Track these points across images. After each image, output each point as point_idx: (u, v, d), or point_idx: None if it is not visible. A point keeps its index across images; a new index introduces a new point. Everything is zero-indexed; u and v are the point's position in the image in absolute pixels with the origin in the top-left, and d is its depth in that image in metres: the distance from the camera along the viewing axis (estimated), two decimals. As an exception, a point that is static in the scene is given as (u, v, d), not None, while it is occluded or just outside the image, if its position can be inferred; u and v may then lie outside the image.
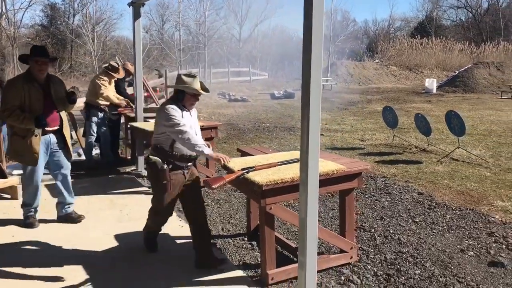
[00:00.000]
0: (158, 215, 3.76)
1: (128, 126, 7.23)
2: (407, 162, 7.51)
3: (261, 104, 17.73)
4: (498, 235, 4.37)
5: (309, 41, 2.73)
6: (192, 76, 3.61)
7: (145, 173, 6.56)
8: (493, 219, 4.81)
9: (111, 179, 6.39)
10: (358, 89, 25.63)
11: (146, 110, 7.28)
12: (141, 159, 6.72)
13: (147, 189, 5.89)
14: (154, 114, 7.35)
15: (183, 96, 3.56)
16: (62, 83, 4.66)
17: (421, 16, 53.11)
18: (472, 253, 3.99)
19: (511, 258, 3.87)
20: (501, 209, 5.13)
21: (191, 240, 3.72)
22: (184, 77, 3.56)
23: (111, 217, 4.84)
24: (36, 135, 4.23)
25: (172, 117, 3.41)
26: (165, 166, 3.46)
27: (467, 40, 38.70)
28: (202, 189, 4.18)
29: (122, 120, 7.71)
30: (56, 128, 4.44)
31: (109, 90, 6.93)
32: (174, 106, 3.49)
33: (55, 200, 4.72)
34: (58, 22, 38.64)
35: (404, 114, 13.58)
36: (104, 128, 7.08)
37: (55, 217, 4.69)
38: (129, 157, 7.60)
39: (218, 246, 4.12)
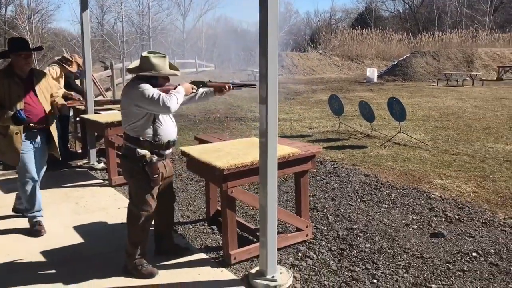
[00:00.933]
0: (143, 218, 3.31)
1: (78, 119, 7.13)
2: (353, 147, 7.90)
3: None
4: (438, 209, 4.77)
5: (265, 32, 2.90)
6: (162, 56, 3.28)
7: (98, 165, 6.52)
8: (433, 195, 5.22)
9: (63, 173, 6.30)
10: (303, 80, 26.17)
11: (95, 103, 7.19)
12: (93, 152, 6.67)
13: (101, 181, 5.88)
14: (102, 107, 7.35)
15: (156, 81, 3.26)
16: (46, 76, 4.33)
17: (361, 7, 54.83)
18: (416, 226, 4.34)
19: (450, 229, 4.26)
20: (440, 186, 5.57)
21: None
22: (153, 60, 3.21)
23: (68, 210, 4.82)
24: (17, 133, 3.93)
25: (145, 91, 3.11)
26: (154, 158, 3.25)
27: (404, 30, 40.38)
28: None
29: (71, 113, 7.57)
30: (42, 125, 4.14)
31: (58, 80, 6.77)
32: (145, 84, 3.16)
33: (8, 195, 4.64)
34: (-11, 13, 36.57)
35: (348, 103, 14.09)
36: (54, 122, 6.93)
37: (8, 213, 4.61)
38: (80, 151, 7.49)
39: (179, 232, 4.23)
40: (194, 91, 3.49)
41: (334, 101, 9.89)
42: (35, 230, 4.15)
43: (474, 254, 3.74)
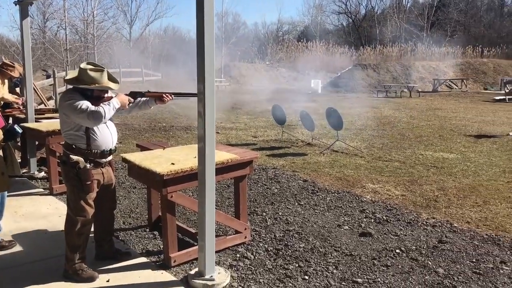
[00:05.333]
0: (79, 223, 3.37)
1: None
2: (294, 155, 8.23)
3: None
4: (368, 211, 5.12)
5: (202, 40, 3.09)
6: (100, 70, 3.33)
7: (38, 174, 6.44)
8: (365, 199, 5.59)
9: (1, 182, 6.16)
10: (250, 90, 26.57)
11: (35, 112, 7.10)
12: (33, 161, 6.58)
13: (42, 190, 5.82)
14: (43, 116, 7.27)
15: (92, 93, 3.34)
16: None
17: (306, 20, 56.40)
18: (347, 227, 4.66)
19: (378, 229, 4.60)
20: (372, 190, 5.96)
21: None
22: (91, 73, 3.28)
23: (5, 219, 4.74)
24: None
25: (72, 102, 3.19)
26: (88, 165, 3.33)
27: (348, 44, 41.91)
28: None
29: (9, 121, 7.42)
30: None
31: (3, 89, 6.65)
32: (75, 96, 3.25)
33: None
34: None
35: (292, 113, 14.51)
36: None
37: None
38: (19, 160, 7.34)
39: (120, 238, 4.31)
40: (132, 102, 3.60)
41: (276, 110, 10.22)
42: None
43: (397, 250, 4.08)
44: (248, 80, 31.11)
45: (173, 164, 3.61)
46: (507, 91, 22.40)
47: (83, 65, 3.37)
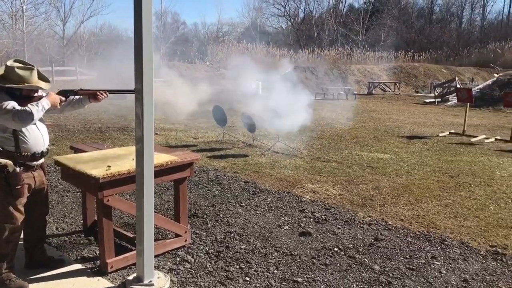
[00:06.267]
0: (7, 231, 3.18)
1: None
2: (236, 156, 8.23)
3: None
4: (307, 211, 5.21)
5: (140, 39, 3.00)
6: (29, 68, 3.17)
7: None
8: (304, 199, 5.68)
9: None
10: (190, 90, 26.25)
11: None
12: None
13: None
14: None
15: (20, 92, 3.15)
16: None
17: (246, 22, 56.70)
18: (287, 227, 4.71)
19: (317, 228, 4.68)
20: (311, 190, 6.07)
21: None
22: (19, 71, 3.11)
23: None
24: None
25: None
26: (18, 168, 3.14)
27: (287, 46, 42.55)
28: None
29: None
30: None
31: None
32: (1, 95, 3.05)
33: None
34: None
35: (234, 114, 14.52)
36: None
37: None
38: None
39: (53, 244, 4.11)
40: (63, 102, 3.41)
41: (217, 112, 10.18)
42: None
43: (336, 249, 4.17)
44: (188, 80, 30.76)
45: (109, 166, 3.48)
46: (436, 94, 23.73)
47: (9, 63, 3.17)
